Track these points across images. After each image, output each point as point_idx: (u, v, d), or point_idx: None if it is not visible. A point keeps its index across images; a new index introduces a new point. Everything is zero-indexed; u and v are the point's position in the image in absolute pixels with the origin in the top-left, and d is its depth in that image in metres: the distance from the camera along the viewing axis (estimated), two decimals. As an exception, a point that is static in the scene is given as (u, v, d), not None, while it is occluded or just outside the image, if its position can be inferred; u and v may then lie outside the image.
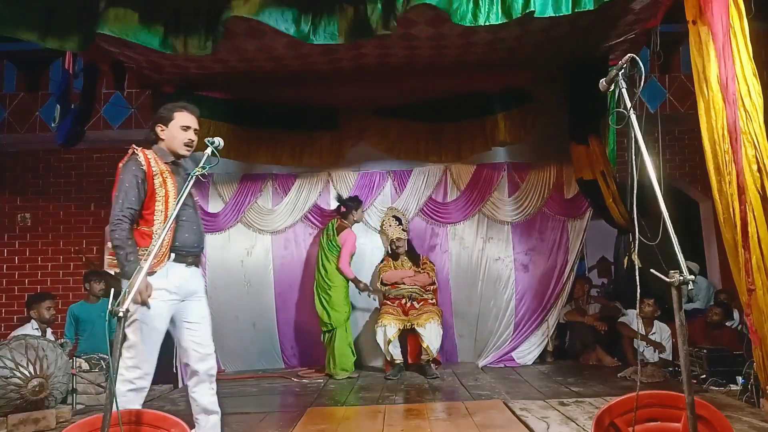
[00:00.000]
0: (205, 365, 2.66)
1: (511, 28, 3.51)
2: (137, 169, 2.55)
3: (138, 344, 2.49)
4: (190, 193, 2.66)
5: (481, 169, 5.71)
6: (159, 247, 2.37)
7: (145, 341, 2.50)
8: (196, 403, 2.67)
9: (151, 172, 2.56)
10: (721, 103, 3.13)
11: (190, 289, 2.65)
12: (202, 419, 2.68)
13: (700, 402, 1.88)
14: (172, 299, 2.57)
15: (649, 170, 1.89)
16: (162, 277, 2.52)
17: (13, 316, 6.59)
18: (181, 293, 2.61)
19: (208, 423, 2.68)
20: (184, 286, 2.62)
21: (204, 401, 2.67)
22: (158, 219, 2.56)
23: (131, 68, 4.87)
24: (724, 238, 3.23)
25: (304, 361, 5.59)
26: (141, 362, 2.49)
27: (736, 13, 3.15)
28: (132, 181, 2.53)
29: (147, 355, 2.51)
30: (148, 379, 2.53)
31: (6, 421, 3.50)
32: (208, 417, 2.68)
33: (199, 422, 2.69)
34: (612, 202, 4.95)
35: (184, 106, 2.73)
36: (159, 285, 2.50)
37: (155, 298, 2.48)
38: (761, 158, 3.08)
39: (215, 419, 2.70)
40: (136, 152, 2.61)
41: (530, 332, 5.45)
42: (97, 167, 6.73)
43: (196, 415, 2.69)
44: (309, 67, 4.84)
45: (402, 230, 5.39)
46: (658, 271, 1.78)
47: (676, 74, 6.79)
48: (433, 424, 3.31)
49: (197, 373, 2.65)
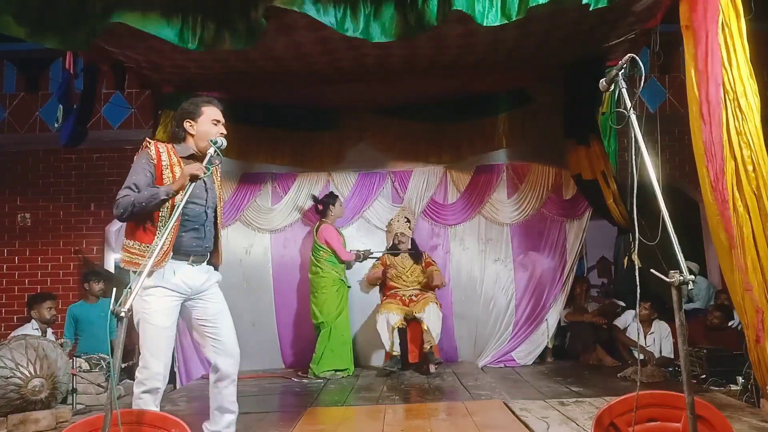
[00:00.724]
0: (226, 360, 2.64)
1: (511, 28, 3.50)
2: (147, 162, 2.57)
3: (144, 343, 2.48)
4: (206, 191, 2.67)
5: (480, 170, 5.71)
6: (161, 246, 2.34)
7: (149, 339, 2.48)
8: (215, 399, 2.66)
9: (160, 166, 2.56)
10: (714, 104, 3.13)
11: (195, 287, 2.62)
12: (217, 416, 2.67)
13: (700, 402, 1.88)
14: (172, 296, 2.54)
15: (649, 170, 1.89)
16: (158, 275, 2.50)
17: (13, 316, 6.59)
18: (183, 290, 2.58)
19: (222, 420, 2.66)
20: (187, 283, 2.59)
21: (222, 399, 2.65)
22: (163, 215, 2.53)
23: (131, 68, 4.86)
24: (717, 239, 3.22)
25: (304, 361, 5.58)
26: (148, 361, 2.47)
27: (734, 14, 3.15)
28: (140, 170, 2.55)
29: (154, 354, 2.47)
30: (159, 379, 2.48)
31: (6, 421, 3.50)
32: (223, 415, 2.66)
33: (213, 418, 2.68)
34: (613, 202, 4.96)
35: (209, 100, 2.71)
36: (155, 283, 2.49)
37: (152, 295, 2.48)
38: (756, 158, 3.08)
39: (229, 419, 2.68)
40: (148, 145, 2.62)
41: (530, 332, 5.44)
42: (97, 167, 6.74)
43: (212, 411, 2.68)
44: (309, 67, 4.84)
45: (408, 228, 5.42)
46: (658, 271, 1.78)
47: (676, 74, 6.79)
48: (433, 424, 3.30)
49: (219, 368, 2.63)
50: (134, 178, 2.54)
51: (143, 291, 2.45)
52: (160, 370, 2.48)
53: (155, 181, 2.55)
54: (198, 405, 4.01)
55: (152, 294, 2.49)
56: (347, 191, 5.73)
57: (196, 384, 4.69)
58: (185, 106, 2.70)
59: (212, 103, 2.70)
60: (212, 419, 2.68)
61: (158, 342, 2.50)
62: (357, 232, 5.79)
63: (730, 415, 3.13)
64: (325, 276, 5.23)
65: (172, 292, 2.55)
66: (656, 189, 1.88)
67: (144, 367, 2.47)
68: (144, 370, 2.46)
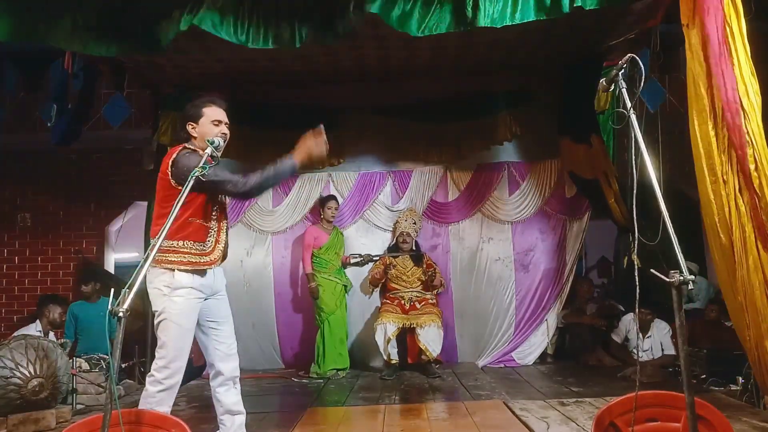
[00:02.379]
0: (229, 365, 2.65)
1: (511, 28, 3.50)
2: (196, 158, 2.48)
3: (167, 343, 2.47)
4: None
5: (481, 169, 5.70)
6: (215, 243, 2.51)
7: (174, 340, 2.47)
8: (221, 404, 2.66)
9: None
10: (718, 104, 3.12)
11: (215, 288, 2.65)
12: (227, 420, 2.66)
13: (700, 402, 1.88)
14: (199, 297, 2.55)
15: (649, 170, 1.89)
16: (190, 276, 2.51)
17: (13, 316, 6.59)
18: (207, 291, 2.60)
19: (234, 424, 2.67)
20: (210, 284, 2.61)
21: (229, 402, 2.65)
22: (215, 216, 2.60)
23: (131, 68, 4.86)
24: (716, 239, 3.21)
25: (303, 362, 5.58)
26: (170, 361, 2.46)
27: (734, 13, 3.15)
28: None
29: (176, 353, 2.48)
30: (177, 378, 2.49)
31: (6, 421, 3.50)
32: (234, 418, 2.67)
33: (224, 423, 2.67)
34: (614, 202, 4.96)
35: (212, 100, 2.67)
36: (187, 283, 2.49)
37: (182, 296, 2.48)
38: (759, 157, 3.08)
39: (241, 420, 2.69)
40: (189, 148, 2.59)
41: (530, 332, 5.45)
42: (97, 167, 6.73)
43: (221, 416, 2.67)
44: (309, 67, 4.84)
45: (414, 230, 5.42)
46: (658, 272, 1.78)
47: (676, 74, 6.76)
48: (432, 424, 3.31)
49: (221, 373, 2.64)
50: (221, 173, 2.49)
51: (172, 291, 2.47)
52: (179, 370, 2.50)
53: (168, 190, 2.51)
54: (198, 405, 4.01)
55: (182, 295, 2.49)
56: (347, 191, 5.73)
57: (196, 384, 4.69)
58: (188, 108, 2.70)
59: (215, 103, 2.67)
60: (224, 425, 2.67)
61: (182, 342, 2.50)
62: (356, 232, 5.78)
63: (730, 415, 3.12)
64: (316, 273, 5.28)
65: (199, 293, 2.55)
66: (656, 189, 1.88)
67: (165, 366, 2.45)
68: (164, 370, 2.45)
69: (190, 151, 2.56)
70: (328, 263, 5.30)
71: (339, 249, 5.44)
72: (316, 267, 5.28)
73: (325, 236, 5.37)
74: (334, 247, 5.39)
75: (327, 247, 5.34)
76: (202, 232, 2.54)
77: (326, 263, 5.29)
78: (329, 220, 5.41)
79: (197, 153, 2.54)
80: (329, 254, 5.34)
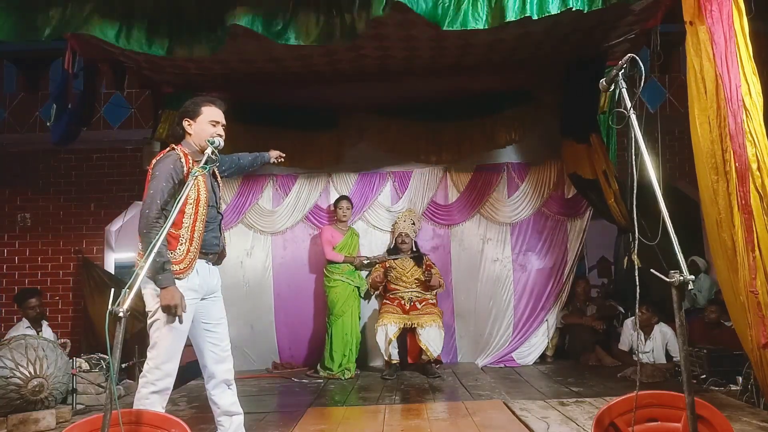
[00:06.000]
0: (222, 367, 2.64)
1: (511, 28, 3.50)
2: (176, 169, 2.50)
3: (159, 345, 2.45)
4: (214, 192, 2.68)
5: (480, 169, 5.71)
6: (186, 252, 2.43)
7: (168, 342, 2.46)
8: (217, 406, 2.65)
9: (187, 176, 2.49)
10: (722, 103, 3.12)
11: (209, 288, 2.64)
12: (225, 421, 2.66)
13: (700, 402, 1.88)
14: (193, 298, 2.54)
15: (649, 170, 1.89)
16: (186, 277, 2.50)
17: (13, 316, 6.57)
18: (201, 291, 2.59)
19: (232, 425, 2.66)
20: (205, 284, 2.60)
21: (225, 403, 2.65)
22: (186, 223, 2.51)
23: (131, 68, 4.86)
24: (719, 239, 3.20)
25: (303, 363, 5.58)
26: (163, 363, 2.45)
27: (736, 12, 3.15)
28: (169, 180, 2.47)
29: (169, 355, 2.47)
30: (169, 381, 2.48)
31: (6, 421, 3.50)
32: (231, 419, 2.66)
33: (222, 424, 2.66)
34: (614, 202, 4.96)
35: (211, 100, 2.68)
36: (184, 285, 2.48)
37: None
38: (761, 156, 3.07)
39: (239, 420, 2.68)
40: (177, 151, 2.56)
41: (530, 332, 5.45)
42: (97, 167, 6.73)
43: (218, 418, 2.67)
44: (309, 67, 4.84)
45: (413, 230, 5.43)
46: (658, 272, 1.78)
47: (676, 74, 6.79)
48: (432, 424, 3.31)
49: (215, 375, 2.63)
50: (164, 197, 2.47)
51: None
52: (172, 372, 2.48)
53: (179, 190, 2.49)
54: (198, 405, 4.01)
55: None
56: (347, 192, 5.72)
57: (196, 384, 4.69)
58: (187, 104, 2.70)
59: (214, 103, 2.68)
60: (222, 426, 2.66)
61: (175, 344, 2.49)
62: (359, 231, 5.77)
63: (730, 415, 3.12)
64: (327, 275, 5.29)
65: (194, 293, 2.54)
66: (656, 189, 1.88)
67: (156, 368, 2.44)
68: (156, 371, 2.44)
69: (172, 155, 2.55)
70: (341, 264, 5.30)
71: (353, 249, 5.44)
72: (329, 268, 5.28)
73: (340, 236, 5.38)
74: (347, 247, 5.39)
75: (340, 248, 5.34)
76: (171, 240, 2.49)
77: (339, 264, 5.30)
78: (342, 220, 5.42)
79: (173, 156, 2.53)
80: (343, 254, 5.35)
